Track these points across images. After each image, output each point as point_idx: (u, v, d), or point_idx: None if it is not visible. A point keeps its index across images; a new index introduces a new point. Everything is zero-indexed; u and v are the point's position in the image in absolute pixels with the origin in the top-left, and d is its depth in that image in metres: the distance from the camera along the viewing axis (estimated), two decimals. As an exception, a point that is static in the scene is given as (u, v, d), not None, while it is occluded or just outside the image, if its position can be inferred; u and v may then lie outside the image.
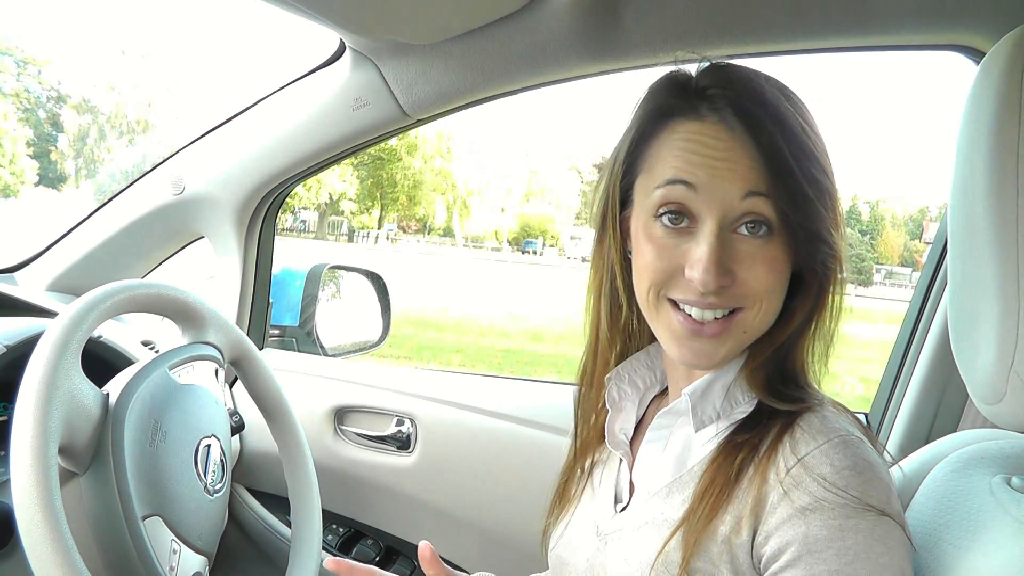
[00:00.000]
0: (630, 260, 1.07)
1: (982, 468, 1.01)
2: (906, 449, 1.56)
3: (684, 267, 0.97)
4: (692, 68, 1.04)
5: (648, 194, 1.00)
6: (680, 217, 0.98)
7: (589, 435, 1.25)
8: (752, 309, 0.98)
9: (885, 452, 0.99)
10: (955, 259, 0.96)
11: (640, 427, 1.20)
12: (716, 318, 0.98)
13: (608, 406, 1.18)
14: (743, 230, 0.96)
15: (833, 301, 1.02)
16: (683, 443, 1.07)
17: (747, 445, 0.98)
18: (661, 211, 0.98)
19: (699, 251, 0.95)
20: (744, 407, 1.03)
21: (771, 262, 0.96)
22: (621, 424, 1.19)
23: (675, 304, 1.00)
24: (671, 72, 1.05)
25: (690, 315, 0.98)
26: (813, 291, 1.01)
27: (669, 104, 1.01)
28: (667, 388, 1.20)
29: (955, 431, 1.53)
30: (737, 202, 0.94)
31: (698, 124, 0.97)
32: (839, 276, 1.01)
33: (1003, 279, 0.83)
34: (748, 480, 0.95)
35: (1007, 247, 0.82)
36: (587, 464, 1.24)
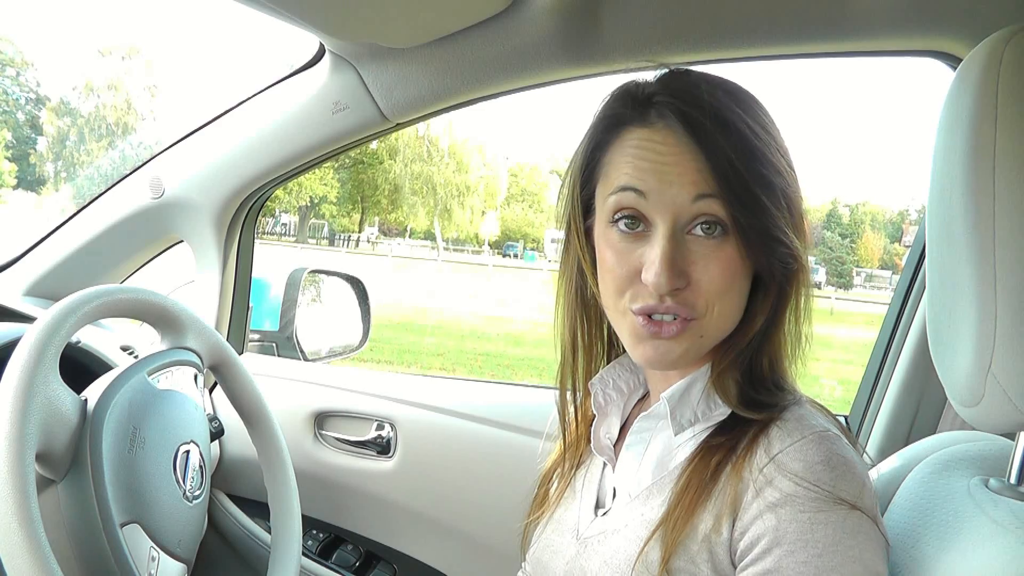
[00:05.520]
0: None
1: (960, 470, 1.02)
2: (886, 451, 1.57)
3: (641, 271, 0.99)
4: (651, 76, 1.07)
5: (604, 201, 1.03)
6: (635, 222, 1.00)
7: (572, 439, 1.26)
8: (707, 316, 0.99)
9: (865, 455, 1.00)
10: (933, 263, 0.97)
11: (623, 431, 1.21)
12: (674, 318, 0.99)
13: (594, 411, 1.19)
14: (698, 231, 0.98)
15: (798, 302, 1.04)
16: (663, 446, 1.08)
17: (723, 447, 1.00)
18: (616, 217, 1.01)
19: (653, 254, 0.97)
20: (723, 409, 1.04)
21: (725, 263, 0.98)
22: (606, 429, 1.20)
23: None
24: (625, 83, 1.08)
25: (650, 316, 1.00)
26: (773, 292, 1.03)
27: (621, 113, 1.04)
28: (649, 392, 1.20)
29: (934, 433, 1.54)
30: (688, 205, 0.97)
31: (647, 131, 1.00)
32: (803, 276, 1.03)
33: (980, 282, 0.84)
34: (725, 479, 0.97)
35: (984, 251, 0.83)
36: (567, 467, 1.25)
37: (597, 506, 1.15)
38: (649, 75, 1.06)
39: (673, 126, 0.98)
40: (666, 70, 1.06)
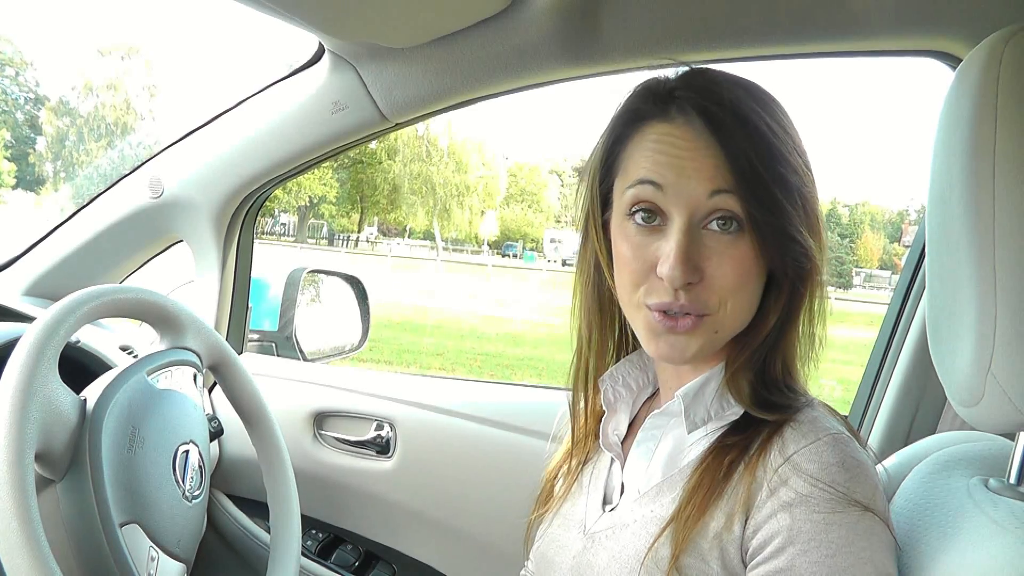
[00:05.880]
0: None
1: (960, 470, 1.02)
2: (885, 451, 1.57)
3: (656, 265, 0.99)
4: (671, 73, 1.07)
5: (622, 195, 1.03)
6: (652, 216, 1.00)
7: (580, 434, 1.26)
8: (720, 312, 1.00)
9: (868, 450, 1.00)
10: (932, 263, 0.97)
11: (632, 428, 1.21)
12: (687, 313, 0.99)
13: (604, 407, 1.20)
14: (713, 226, 0.98)
15: (812, 303, 1.04)
16: (674, 444, 1.08)
17: (736, 447, 1.00)
18: (633, 210, 1.01)
19: (668, 247, 0.97)
20: (736, 408, 1.05)
21: (739, 260, 0.98)
22: (614, 425, 1.20)
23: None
24: (649, 78, 1.08)
25: (664, 312, 1.00)
26: (785, 291, 1.03)
27: (642, 107, 1.04)
28: (659, 390, 1.21)
29: (934, 433, 1.54)
30: (704, 200, 0.97)
31: (667, 126, 1.00)
32: (817, 276, 1.03)
33: (980, 282, 0.84)
34: (738, 478, 0.97)
35: (984, 251, 0.83)
36: (575, 463, 1.25)
37: (604, 502, 1.15)
38: (670, 72, 1.07)
39: (692, 121, 0.98)
40: (686, 68, 1.06)
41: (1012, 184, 0.81)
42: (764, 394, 1.02)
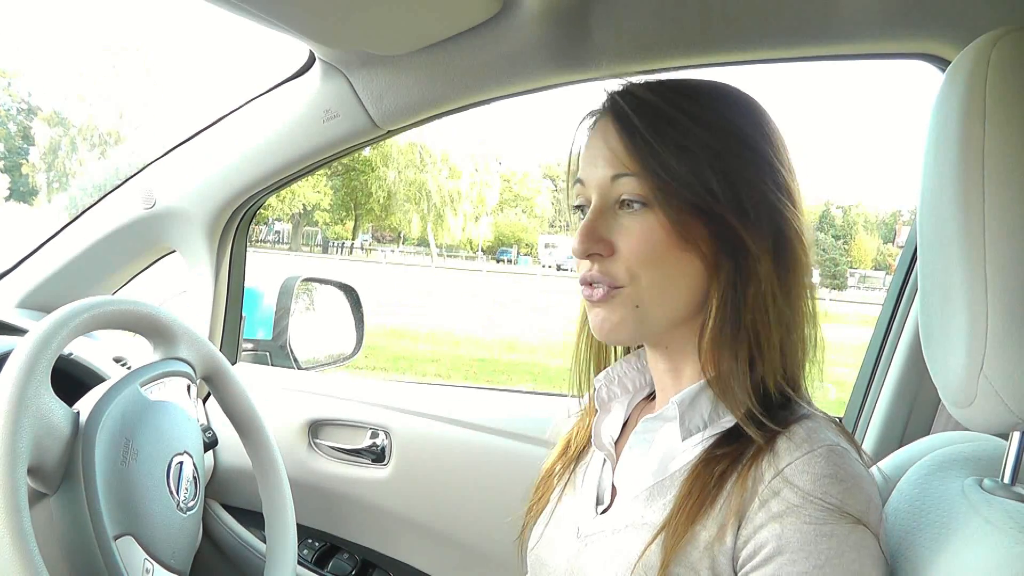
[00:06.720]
0: None
1: (955, 470, 1.02)
2: (880, 452, 1.57)
3: None
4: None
5: None
6: (583, 207, 1.08)
7: (574, 432, 1.27)
8: (634, 285, 1.02)
9: (863, 454, 0.99)
10: (924, 264, 0.97)
11: (625, 430, 1.21)
12: (601, 284, 1.04)
13: (597, 406, 1.21)
14: (623, 206, 1.03)
15: (765, 299, 1.02)
16: (666, 449, 1.08)
17: (727, 457, 0.99)
18: (574, 206, 1.10)
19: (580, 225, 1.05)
20: (731, 417, 1.03)
21: (647, 232, 1.01)
22: (608, 425, 1.21)
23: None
24: None
25: (591, 285, 1.05)
26: (724, 274, 1.02)
27: (597, 111, 1.11)
28: (654, 393, 1.20)
29: (928, 434, 1.54)
30: (609, 184, 1.04)
31: (597, 125, 1.08)
32: (758, 266, 1.01)
33: (971, 284, 0.84)
34: (730, 488, 0.96)
35: (974, 252, 0.83)
36: (567, 462, 1.25)
37: (597, 502, 1.15)
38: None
39: (607, 116, 1.06)
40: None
41: (1001, 184, 0.81)
42: (759, 407, 1.00)
